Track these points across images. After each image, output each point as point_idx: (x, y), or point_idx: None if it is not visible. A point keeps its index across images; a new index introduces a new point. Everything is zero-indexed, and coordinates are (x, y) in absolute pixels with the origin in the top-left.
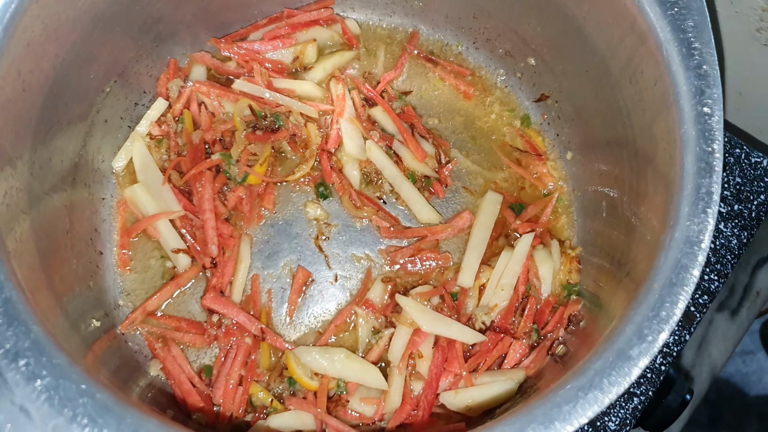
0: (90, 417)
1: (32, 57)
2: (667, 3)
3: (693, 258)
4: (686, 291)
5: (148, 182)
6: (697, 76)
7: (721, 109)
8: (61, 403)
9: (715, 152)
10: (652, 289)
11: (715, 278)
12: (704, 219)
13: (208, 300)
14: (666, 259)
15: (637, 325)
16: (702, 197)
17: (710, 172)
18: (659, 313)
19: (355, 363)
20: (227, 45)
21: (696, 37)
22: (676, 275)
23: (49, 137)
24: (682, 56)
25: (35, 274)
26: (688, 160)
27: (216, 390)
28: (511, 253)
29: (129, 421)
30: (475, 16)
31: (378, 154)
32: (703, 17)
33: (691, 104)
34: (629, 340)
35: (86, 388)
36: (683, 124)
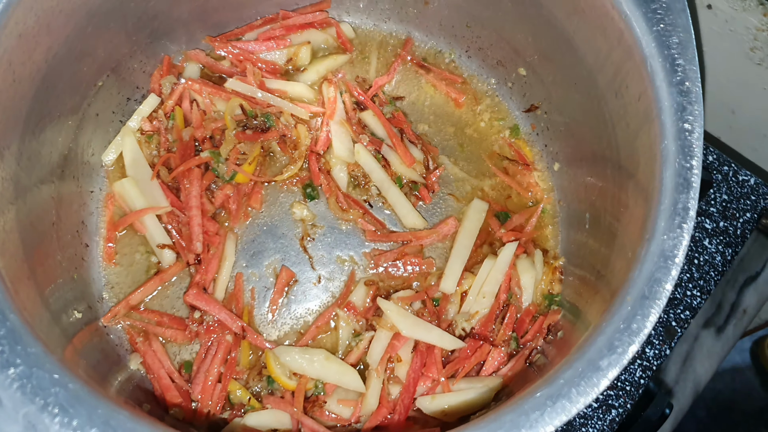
0: (61, 407)
1: (24, 48)
2: (654, 19)
3: (666, 272)
4: (658, 304)
5: (137, 177)
6: (680, 92)
7: (701, 125)
8: (33, 392)
9: (693, 168)
10: (625, 301)
11: (698, 294)
12: (679, 234)
13: (191, 296)
14: (640, 272)
15: (608, 336)
16: (678, 212)
17: (688, 188)
18: (630, 326)
19: (333, 364)
20: (222, 44)
21: (680, 54)
22: (649, 288)
23: (39, 129)
24: (666, 72)
25: (17, 264)
26: (667, 175)
27: (195, 386)
28: (494, 261)
29: (100, 412)
30: (469, 25)
31: (366, 158)
32: (688, 34)
33: (673, 120)
34: (599, 351)
35: (59, 378)
36: (664, 139)
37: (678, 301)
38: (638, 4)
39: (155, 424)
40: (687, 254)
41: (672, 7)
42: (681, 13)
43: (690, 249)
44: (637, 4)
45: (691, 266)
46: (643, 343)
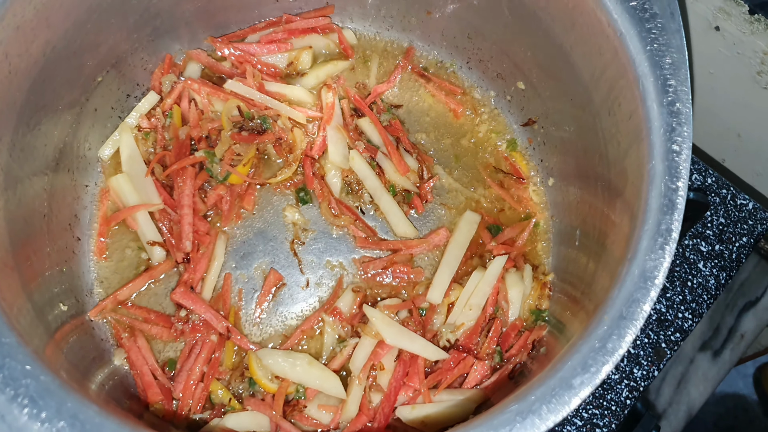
0: (31, 398)
1: (21, 41)
2: (648, 38)
3: (645, 293)
4: (635, 325)
5: (132, 173)
6: (670, 113)
7: (689, 147)
8: (4, 382)
9: (679, 190)
10: (602, 320)
11: (690, 316)
12: (661, 255)
13: (178, 294)
14: (620, 291)
15: (583, 355)
16: (662, 233)
17: (672, 210)
18: (606, 345)
19: (316, 369)
20: (223, 44)
21: (672, 75)
22: (627, 309)
23: (35, 122)
24: (657, 92)
25: (2, 254)
26: (652, 195)
27: (177, 384)
28: (483, 273)
29: (69, 406)
30: (470, 37)
31: (361, 165)
32: (681, 55)
33: (662, 140)
34: (573, 369)
35: (31, 370)
36: (652, 159)
37: (669, 323)
38: (634, 23)
39: (123, 420)
40: (680, 276)
41: (667, 27)
42: (675, 34)
43: (684, 271)
44: (632, 23)
45: (684, 288)
46: (632, 363)
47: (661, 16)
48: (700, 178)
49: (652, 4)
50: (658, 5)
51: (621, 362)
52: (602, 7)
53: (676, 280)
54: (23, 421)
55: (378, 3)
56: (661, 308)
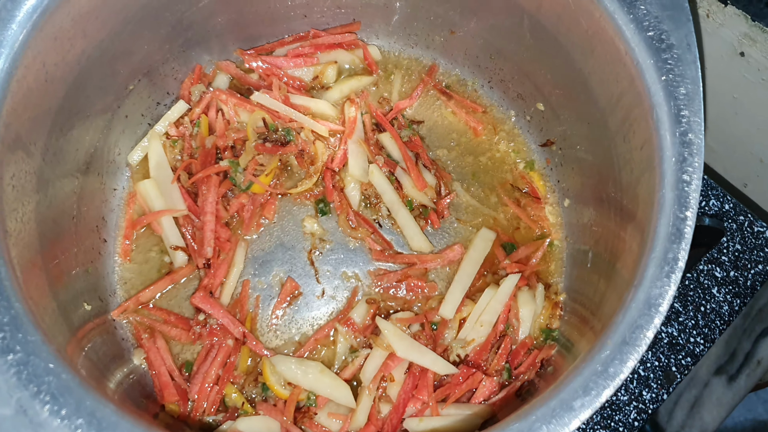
0: (52, 395)
1: (58, 50)
2: (664, 69)
3: (649, 320)
4: (638, 351)
5: (159, 179)
6: (682, 143)
7: (700, 178)
8: (28, 378)
9: (687, 219)
10: (606, 344)
11: (701, 341)
12: (666, 283)
13: (197, 299)
14: (624, 317)
15: (585, 378)
16: (668, 261)
17: (680, 239)
18: (607, 369)
19: (327, 378)
20: (252, 57)
21: (686, 105)
22: (630, 334)
23: (68, 127)
24: (671, 122)
25: (31, 254)
26: (661, 223)
27: (193, 386)
28: (495, 291)
29: (88, 404)
30: (492, 57)
31: (379, 179)
32: (696, 86)
33: (673, 170)
34: (574, 392)
35: (54, 368)
36: (662, 188)
37: (680, 347)
38: (650, 53)
39: (138, 420)
40: (694, 300)
41: (683, 58)
42: (691, 65)
43: (697, 296)
44: (649, 53)
45: (697, 313)
46: (642, 385)
47: (677, 47)
48: (717, 204)
49: (669, 35)
50: (675, 36)
51: (630, 384)
52: (621, 36)
53: (690, 304)
54: (44, 417)
55: (403, 21)
56: (673, 332)
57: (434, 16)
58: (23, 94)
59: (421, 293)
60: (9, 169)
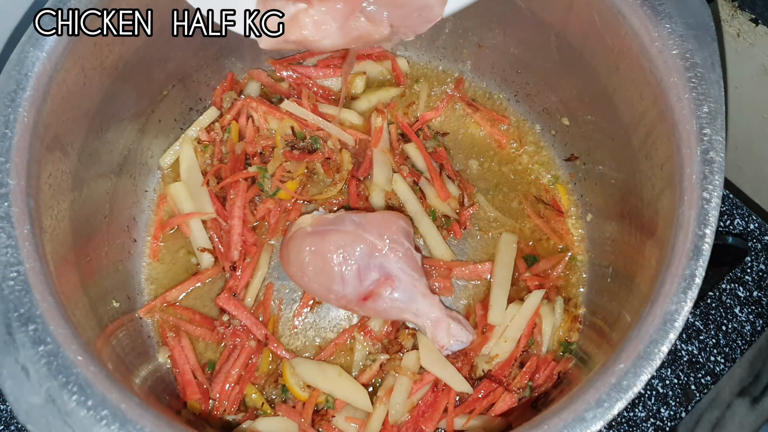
0: (80, 386)
1: (97, 55)
2: (687, 87)
3: (664, 335)
4: (652, 365)
5: (189, 182)
6: (703, 161)
7: (720, 196)
8: (58, 369)
9: (706, 237)
10: (620, 357)
11: (722, 360)
12: (683, 299)
13: (222, 300)
14: (639, 331)
15: (598, 390)
16: (686, 278)
17: (698, 256)
18: (621, 383)
19: (345, 382)
20: (282, 66)
21: (708, 124)
22: (645, 348)
23: (103, 129)
24: (692, 140)
25: (64, 250)
26: (680, 239)
27: (214, 385)
28: (519, 306)
29: (114, 396)
30: (519, 71)
31: (403, 188)
32: (719, 105)
33: (693, 187)
34: (587, 403)
35: (82, 360)
36: (682, 205)
37: (700, 366)
38: (675, 71)
39: (162, 414)
40: (715, 319)
41: (707, 77)
42: (715, 84)
43: (719, 315)
44: (673, 72)
45: (719, 332)
46: (660, 402)
47: (701, 66)
48: (742, 224)
49: (693, 54)
50: (700, 56)
51: (648, 401)
52: (645, 54)
53: (711, 323)
54: (71, 407)
55: (433, 34)
56: (693, 350)
57: (462, 30)
58: (63, 96)
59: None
60: (47, 168)
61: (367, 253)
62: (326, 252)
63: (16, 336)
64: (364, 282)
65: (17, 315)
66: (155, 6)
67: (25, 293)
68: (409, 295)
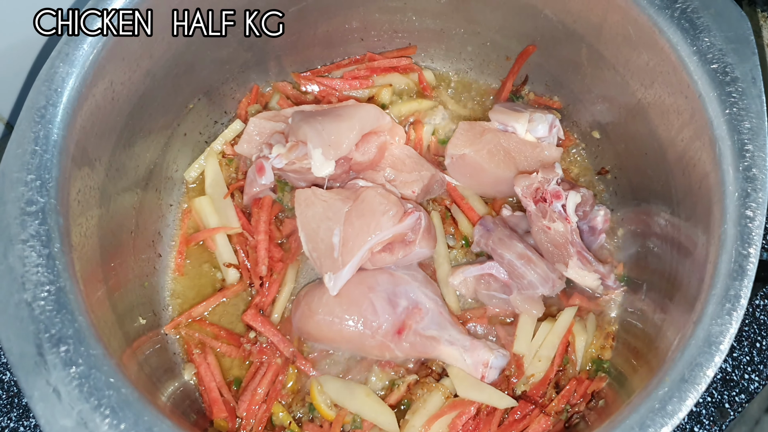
0: (112, 409)
1: (126, 70)
2: (728, 102)
3: (709, 358)
4: (697, 389)
5: (215, 197)
6: (746, 178)
7: (764, 214)
8: (90, 392)
9: (750, 256)
10: (663, 381)
11: (756, 378)
12: (728, 321)
13: (249, 316)
14: (682, 354)
15: (641, 415)
16: (729, 299)
17: (742, 276)
18: (665, 407)
19: (373, 402)
20: (307, 80)
21: (750, 140)
22: (690, 372)
23: (130, 144)
24: (734, 156)
25: (93, 267)
26: (723, 259)
27: (241, 403)
28: (552, 324)
29: (146, 419)
30: (547, 84)
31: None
32: (761, 121)
33: (735, 205)
34: (630, 429)
35: (114, 382)
36: (724, 223)
37: (734, 384)
38: (714, 86)
39: None
40: (749, 336)
41: (747, 92)
42: (756, 99)
43: (753, 331)
44: (712, 86)
45: (752, 349)
46: (693, 421)
47: (742, 81)
48: None
49: (733, 68)
50: (740, 70)
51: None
52: (684, 68)
53: (744, 340)
54: (104, 430)
55: (459, 46)
56: (727, 368)
57: (490, 42)
58: (91, 111)
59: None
60: (76, 184)
61: (390, 281)
62: (350, 286)
63: (47, 357)
64: (397, 309)
65: (48, 336)
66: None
67: (57, 313)
68: (438, 323)
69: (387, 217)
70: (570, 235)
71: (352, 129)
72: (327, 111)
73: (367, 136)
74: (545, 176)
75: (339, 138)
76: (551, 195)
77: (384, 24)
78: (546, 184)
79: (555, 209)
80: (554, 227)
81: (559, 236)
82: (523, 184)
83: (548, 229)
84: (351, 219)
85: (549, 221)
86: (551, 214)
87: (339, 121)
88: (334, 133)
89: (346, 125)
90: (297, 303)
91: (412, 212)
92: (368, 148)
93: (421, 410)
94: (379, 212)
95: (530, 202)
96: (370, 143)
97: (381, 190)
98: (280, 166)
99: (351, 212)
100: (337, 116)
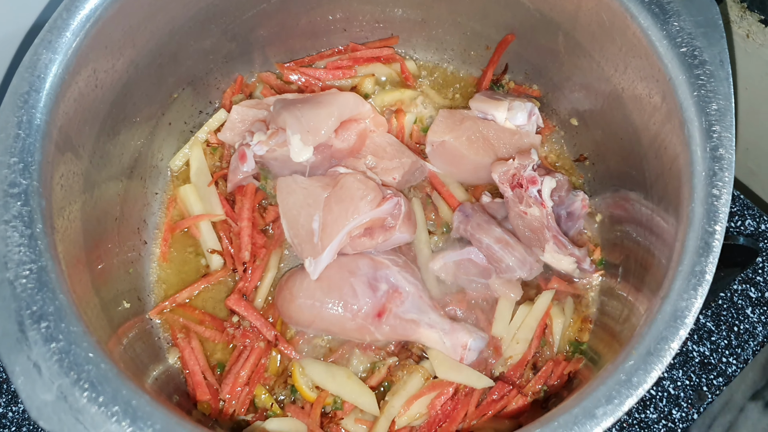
0: (91, 383)
1: (108, 58)
2: (696, 84)
3: (674, 332)
4: (662, 362)
5: (199, 185)
6: (713, 158)
7: (729, 192)
8: (69, 366)
9: (716, 233)
10: (631, 354)
11: (734, 362)
12: (693, 296)
13: (232, 301)
14: (650, 328)
15: (608, 387)
16: (696, 274)
17: (708, 252)
18: (631, 379)
19: (353, 384)
20: (291, 70)
21: (717, 121)
22: (655, 346)
23: (115, 132)
24: (701, 137)
25: (76, 251)
26: (690, 237)
27: (224, 386)
28: (529, 307)
29: (124, 393)
30: (527, 72)
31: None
32: (727, 102)
33: (703, 184)
34: (597, 400)
35: (93, 357)
36: (692, 202)
37: (712, 367)
38: (683, 69)
39: (171, 411)
40: (727, 320)
41: (716, 74)
42: (724, 81)
43: (731, 315)
44: (681, 69)
45: (730, 333)
46: (672, 404)
47: (710, 64)
48: (753, 224)
49: (702, 52)
50: (709, 53)
51: (660, 402)
52: (654, 52)
53: (722, 324)
54: (83, 404)
55: (441, 36)
56: (705, 351)
57: (471, 32)
58: (75, 98)
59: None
60: (59, 169)
61: (371, 266)
62: (331, 270)
63: (28, 333)
64: (377, 293)
65: (29, 312)
66: (166, 9)
67: (38, 291)
68: (418, 306)
69: (365, 201)
70: (546, 219)
71: (330, 115)
72: (307, 99)
73: (347, 123)
74: (521, 162)
75: (318, 124)
76: (527, 180)
77: (366, 14)
78: (522, 170)
79: (531, 194)
80: (530, 212)
81: (536, 221)
82: (500, 170)
83: (525, 214)
84: (330, 205)
85: (525, 206)
86: (527, 199)
87: (318, 107)
88: (312, 119)
89: (325, 112)
90: (279, 288)
91: (390, 197)
92: (348, 135)
93: (401, 391)
94: (358, 197)
95: (507, 188)
96: (350, 130)
97: (360, 176)
98: (261, 153)
99: (330, 198)
100: (316, 103)
